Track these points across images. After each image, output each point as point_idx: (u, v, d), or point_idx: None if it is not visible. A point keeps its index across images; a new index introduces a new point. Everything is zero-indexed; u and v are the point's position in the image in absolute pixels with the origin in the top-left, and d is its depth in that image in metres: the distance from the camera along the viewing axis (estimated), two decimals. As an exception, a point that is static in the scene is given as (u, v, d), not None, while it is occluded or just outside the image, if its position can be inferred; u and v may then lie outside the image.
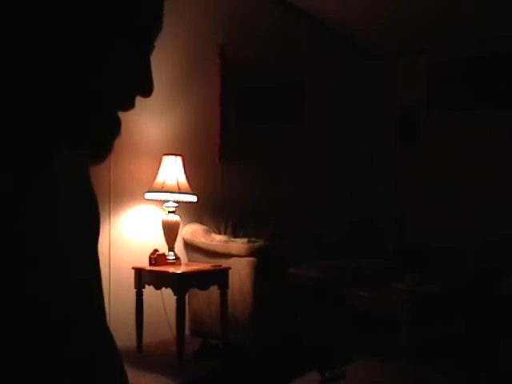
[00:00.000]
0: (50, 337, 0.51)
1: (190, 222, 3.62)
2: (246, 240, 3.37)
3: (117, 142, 0.55)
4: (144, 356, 3.04)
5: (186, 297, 3.09)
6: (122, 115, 0.55)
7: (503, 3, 4.51)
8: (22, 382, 0.48)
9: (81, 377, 0.55)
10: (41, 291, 0.50)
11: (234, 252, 3.30)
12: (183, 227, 3.50)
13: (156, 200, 3.29)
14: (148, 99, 0.57)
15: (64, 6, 0.47)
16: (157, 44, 0.57)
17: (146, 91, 0.55)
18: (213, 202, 3.84)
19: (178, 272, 2.99)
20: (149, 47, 0.55)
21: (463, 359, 3.28)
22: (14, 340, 0.47)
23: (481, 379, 3.03)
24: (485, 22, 5.00)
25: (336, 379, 2.36)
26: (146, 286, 3.10)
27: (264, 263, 3.25)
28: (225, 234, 3.77)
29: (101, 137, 0.53)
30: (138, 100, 0.57)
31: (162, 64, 3.41)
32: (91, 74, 0.50)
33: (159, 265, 3.09)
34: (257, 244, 3.31)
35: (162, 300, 3.18)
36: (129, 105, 0.55)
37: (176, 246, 3.31)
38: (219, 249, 3.37)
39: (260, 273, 3.22)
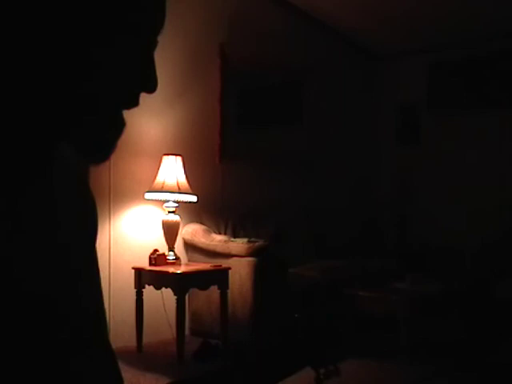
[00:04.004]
0: (50, 336, 0.51)
1: (190, 222, 3.62)
2: (246, 240, 3.37)
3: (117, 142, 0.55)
4: (144, 356, 3.04)
5: (186, 297, 3.09)
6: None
7: (504, 3, 4.51)
8: (21, 381, 0.48)
9: (79, 377, 0.55)
10: (41, 291, 0.50)
11: (234, 252, 3.30)
12: (183, 227, 3.50)
13: (156, 200, 3.29)
14: (148, 99, 0.57)
15: (63, 6, 0.47)
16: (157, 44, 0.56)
17: (151, 88, 0.54)
18: (213, 202, 3.84)
19: (178, 272, 2.99)
20: (151, 44, 0.54)
21: (463, 359, 3.27)
22: (13, 339, 0.47)
23: (481, 379, 3.03)
24: (485, 22, 5.00)
25: (330, 376, 2.35)
26: (146, 285, 3.10)
27: (264, 263, 3.25)
28: (225, 233, 3.77)
29: (101, 136, 0.52)
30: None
31: (162, 64, 3.41)
32: (90, 73, 0.50)
33: (159, 265, 3.09)
34: (257, 244, 3.31)
35: (162, 300, 3.19)
36: (132, 103, 0.54)
37: (176, 246, 3.31)
38: (219, 249, 3.37)
39: (260, 273, 3.22)
